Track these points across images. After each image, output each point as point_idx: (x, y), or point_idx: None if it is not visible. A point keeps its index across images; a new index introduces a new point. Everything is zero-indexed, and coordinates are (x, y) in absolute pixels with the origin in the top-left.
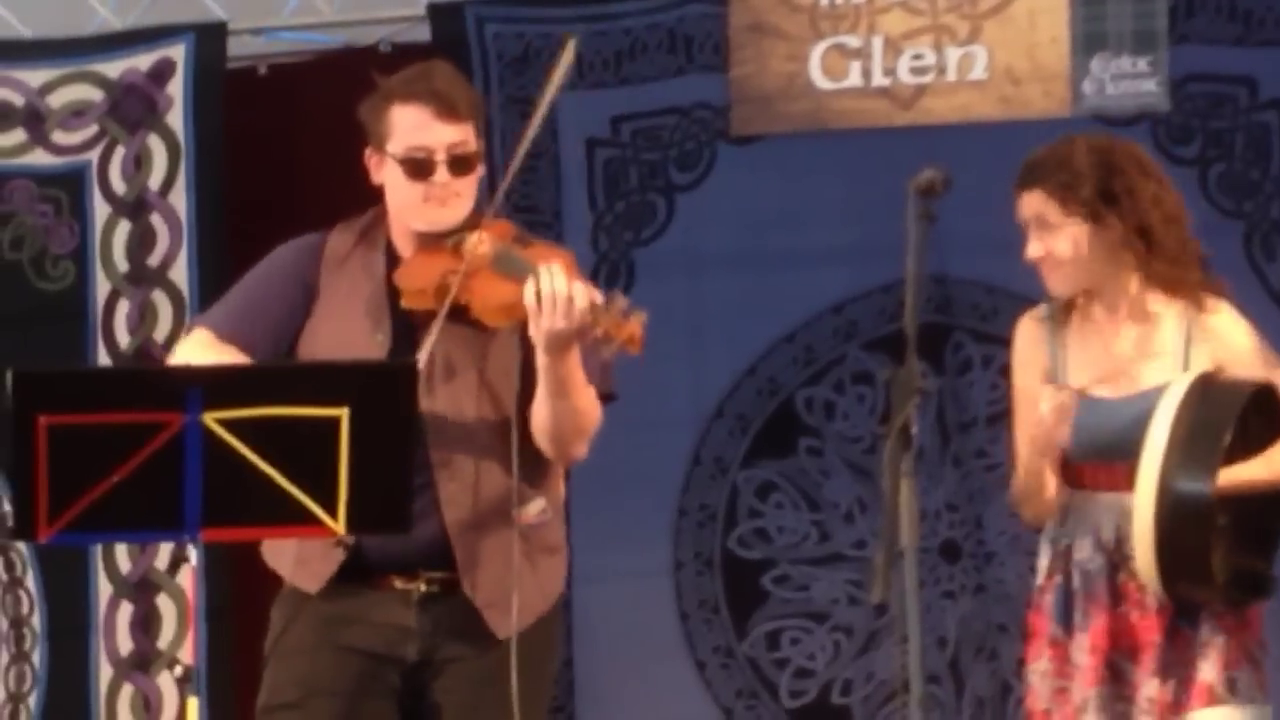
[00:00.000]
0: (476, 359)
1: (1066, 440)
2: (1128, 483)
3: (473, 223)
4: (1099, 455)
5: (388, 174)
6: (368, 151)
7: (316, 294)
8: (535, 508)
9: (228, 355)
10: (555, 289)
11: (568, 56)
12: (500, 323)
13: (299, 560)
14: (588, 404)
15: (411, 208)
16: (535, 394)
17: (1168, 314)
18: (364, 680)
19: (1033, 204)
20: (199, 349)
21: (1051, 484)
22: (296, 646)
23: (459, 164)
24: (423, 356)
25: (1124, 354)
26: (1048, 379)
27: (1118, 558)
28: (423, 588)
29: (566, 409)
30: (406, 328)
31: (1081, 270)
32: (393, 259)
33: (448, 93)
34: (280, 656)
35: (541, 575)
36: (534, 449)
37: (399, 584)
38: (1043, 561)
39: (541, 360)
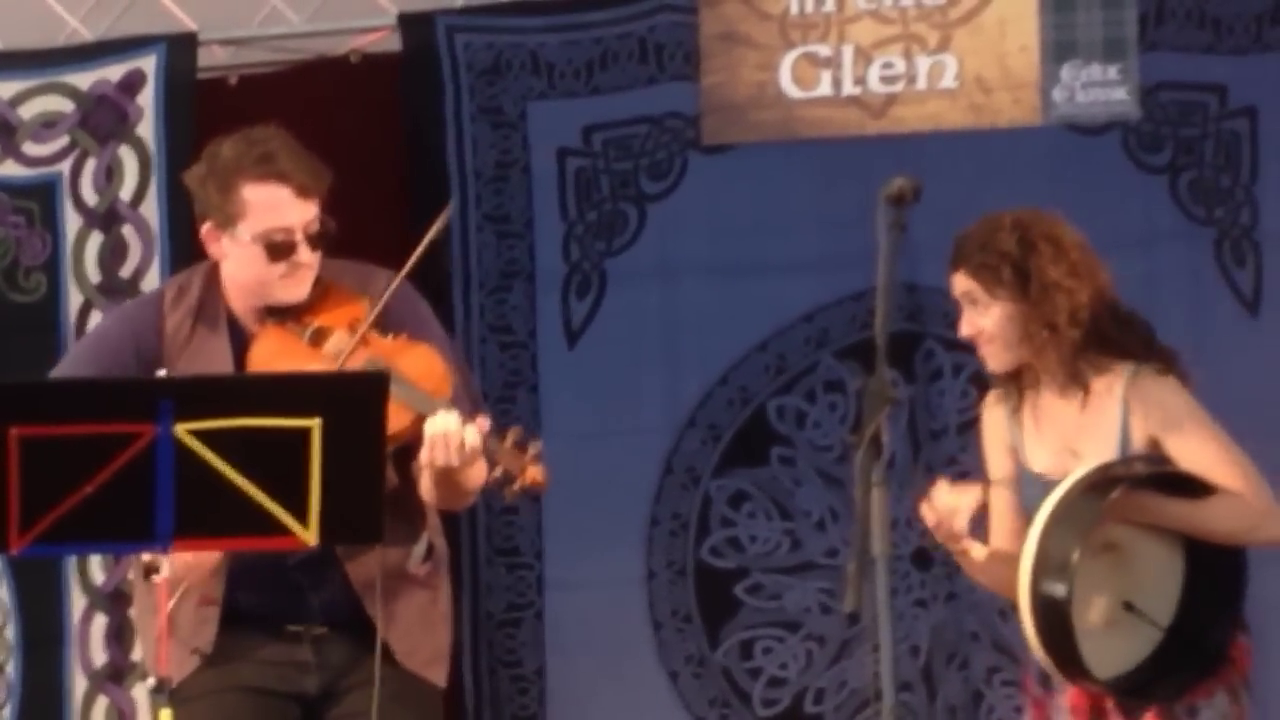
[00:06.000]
0: None
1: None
2: None
3: (319, 292)
4: None
5: (236, 252)
6: (206, 226)
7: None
8: (420, 551)
9: None
10: (446, 427)
11: (442, 223)
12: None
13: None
14: (474, 478)
15: (266, 285)
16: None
17: (1108, 386)
18: (269, 717)
19: (960, 284)
20: None
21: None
22: (195, 694)
23: (315, 240)
24: None
25: (1068, 431)
26: (1013, 457)
27: None
28: (315, 630)
29: (456, 494)
30: None
31: (1010, 348)
32: (236, 333)
33: (301, 170)
34: (178, 707)
35: (444, 615)
36: (410, 498)
37: (290, 627)
38: None
39: (426, 485)
